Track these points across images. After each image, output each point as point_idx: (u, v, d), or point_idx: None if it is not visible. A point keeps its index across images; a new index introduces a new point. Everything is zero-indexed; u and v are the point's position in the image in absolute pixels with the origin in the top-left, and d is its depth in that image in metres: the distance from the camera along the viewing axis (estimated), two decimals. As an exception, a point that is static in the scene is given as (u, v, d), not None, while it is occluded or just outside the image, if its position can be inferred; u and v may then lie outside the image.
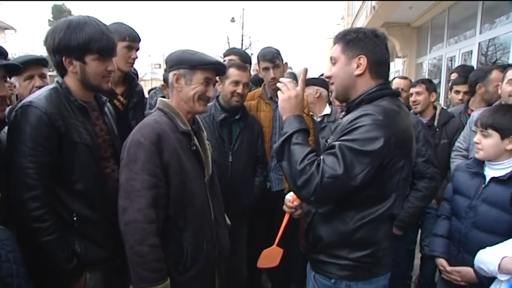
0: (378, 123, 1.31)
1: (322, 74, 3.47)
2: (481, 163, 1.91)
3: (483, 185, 1.84)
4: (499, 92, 2.48)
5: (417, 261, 3.21)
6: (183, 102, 1.67)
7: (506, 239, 1.64)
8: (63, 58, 1.55)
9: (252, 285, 2.99)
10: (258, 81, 3.37)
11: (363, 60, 1.44)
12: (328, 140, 1.50)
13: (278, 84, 1.55)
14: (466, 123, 2.75)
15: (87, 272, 1.57)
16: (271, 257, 1.92)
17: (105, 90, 1.70)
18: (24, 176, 1.42)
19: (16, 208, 1.44)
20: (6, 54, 1.51)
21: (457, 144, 2.71)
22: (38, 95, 1.53)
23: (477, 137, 1.84)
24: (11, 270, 1.13)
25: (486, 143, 1.81)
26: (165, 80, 2.64)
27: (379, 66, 1.47)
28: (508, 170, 1.77)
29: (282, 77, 2.80)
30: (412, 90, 3.14)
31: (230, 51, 3.33)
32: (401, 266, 2.60)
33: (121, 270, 1.64)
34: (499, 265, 1.48)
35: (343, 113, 1.62)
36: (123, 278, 1.57)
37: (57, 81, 1.61)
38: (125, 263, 1.53)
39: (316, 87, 3.07)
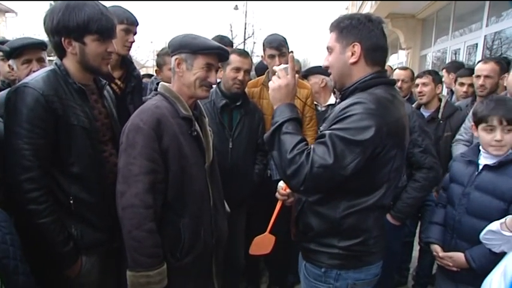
0: (370, 112, 1.28)
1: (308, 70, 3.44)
2: (476, 151, 1.92)
3: (476, 173, 1.86)
4: (505, 84, 2.45)
5: (415, 254, 3.21)
6: (185, 87, 1.64)
7: None
8: (62, 39, 1.52)
9: (250, 273, 3.00)
10: (261, 70, 3.32)
11: (357, 48, 1.41)
12: (321, 128, 1.47)
13: (277, 73, 1.50)
14: None
15: (83, 255, 1.56)
16: (263, 244, 1.92)
17: (104, 73, 1.67)
18: (20, 158, 1.41)
19: (12, 189, 1.43)
20: None
21: (458, 136, 2.70)
22: (35, 77, 1.50)
23: (499, 135, 1.78)
24: (7, 251, 1.12)
25: (510, 138, 1.77)
26: (158, 64, 2.61)
27: (375, 51, 1.43)
28: (499, 157, 1.79)
29: None
30: (419, 81, 3.09)
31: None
32: (397, 256, 2.60)
33: (118, 254, 1.63)
34: (504, 223, 1.46)
35: (338, 100, 1.59)
36: (120, 262, 1.57)
37: (56, 63, 1.58)
38: (122, 246, 1.52)
39: (322, 76, 3.04)
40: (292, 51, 2.76)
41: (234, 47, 3.57)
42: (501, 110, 1.77)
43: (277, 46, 2.58)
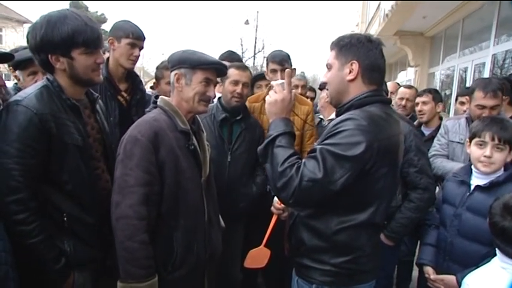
0: (361, 128, 1.31)
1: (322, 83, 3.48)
2: (468, 172, 1.92)
3: (468, 193, 1.86)
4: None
5: (415, 273, 3.16)
6: (184, 102, 1.67)
7: (489, 249, 1.65)
8: (49, 56, 1.47)
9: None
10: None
11: (355, 66, 1.43)
12: (315, 144, 1.49)
13: (274, 88, 1.54)
14: None
15: (75, 271, 1.54)
16: (258, 257, 1.92)
17: (97, 83, 1.65)
18: (8, 178, 1.36)
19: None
20: None
21: (434, 152, 2.66)
22: (28, 94, 1.45)
23: (489, 151, 1.80)
24: None
25: (500, 157, 1.80)
26: (157, 77, 2.66)
27: (372, 71, 1.45)
28: (491, 178, 1.80)
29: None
30: (418, 99, 3.10)
31: (223, 58, 3.19)
32: (390, 279, 2.56)
33: (110, 271, 1.61)
34: None
35: (333, 116, 1.62)
36: (112, 279, 1.54)
37: (48, 79, 1.53)
38: (115, 264, 1.52)
39: None
40: (294, 68, 2.81)
41: (243, 62, 3.63)
42: (495, 127, 1.80)
43: (280, 61, 2.62)
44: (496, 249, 1.42)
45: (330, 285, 1.46)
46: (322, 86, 3.28)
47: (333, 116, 3.10)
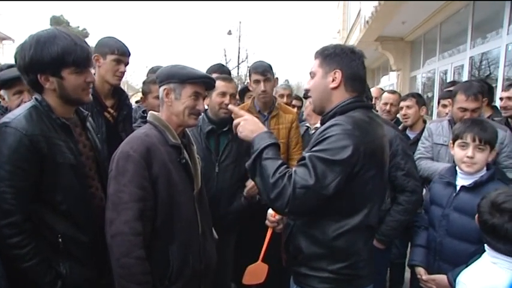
0: (347, 133, 1.35)
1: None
2: (453, 173, 1.98)
3: (454, 194, 1.91)
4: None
5: (408, 275, 3.20)
6: (174, 116, 1.69)
7: (476, 247, 1.70)
8: (38, 76, 1.45)
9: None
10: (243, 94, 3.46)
11: (338, 74, 1.49)
12: (303, 152, 1.53)
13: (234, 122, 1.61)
14: None
15: None
16: (256, 273, 1.90)
17: (86, 103, 1.65)
18: (0, 201, 1.35)
19: None
20: None
21: (418, 155, 2.70)
22: (17, 115, 1.44)
23: (471, 152, 1.87)
24: None
25: (481, 157, 1.87)
26: (144, 92, 2.66)
27: (354, 80, 1.51)
28: (475, 178, 1.86)
29: (272, 90, 2.84)
30: (402, 104, 3.18)
31: (213, 70, 3.20)
32: (383, 282, 2.59)
33: None
34: None
35: (318, 125, 1.66)
36: None
37: (36, 99, 1.52)
38: (111, 282, 1.51)
39: None
40: (277, 77, 2.86)
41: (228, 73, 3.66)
42: (475, 129, 1.87)
43: (263, 71, 2.68)
44: (486, 245, 1.46)
45: None
46: (307, 95, 3.33)
47: (318, 124, 3.16)
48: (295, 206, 1.33)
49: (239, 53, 24.00)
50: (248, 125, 1.53)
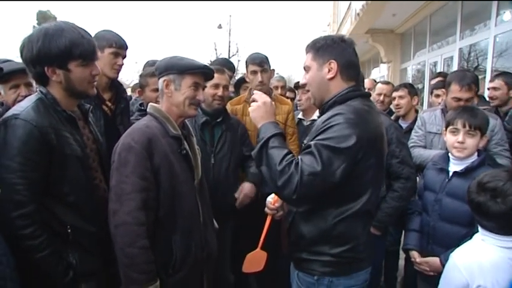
0: (350, 122, 1.39)
1: (298, 82, 3.56)
2: (446, 159, 2.05)
3: (447, 180, 1.98)
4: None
5: (402, 262, 3.27)
6: (174, 107, 1.71)
7: (467, 229, 1.80)
8: (45, 68, 1.46)
9: (240, 288, 3.01)
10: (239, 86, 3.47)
11: (333, 65, 1.52)
12: (304, 141, 1.56)
13: (253, 96, 1.61)
14: None
15: (82, 283, 1.53)
16: (255, 260, 1.93)
17: (91, 96, 1.66)
18: (12, 193, 1.35)
19: (4, 225, 1.34)
20: None
21: (412, 144, 2.72)
22: (24, 107, 1.44)
23: (462, 137, 1.94)
24: (3, 273, 1.14)
25: (472, 142, 1.94)
26: (141, 85, 2.65)
27: (349, 68, 1.55)
28: (467, 164, 1.93)
29: (269, 81, 2.87)
30: (395, 94, 3.24)
31: (219, 64, 3.23)
32: (379, 268, 2.65)
33: (114, 279, 1.61)
34: None
35: (318, 114, 1.69)
36: (116, 286, 1.56)
37: (41, 91, 1.52)
38: (118, 271, 1.53)
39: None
40: (273, 69, 2.89)
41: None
42: (466, 115, 1.95)
43: (260, 62, 2.71)
44: (478, 224, 1.53)
45: (331, 275, 1.52)
46: (297, 85, 3.36)
47: (314, 116, 3.19)
48: (303, 193, 1.36)
49: (229, 46, 23.92)
50: (261, 110, 1.56)
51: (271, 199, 1.81)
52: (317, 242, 1.52)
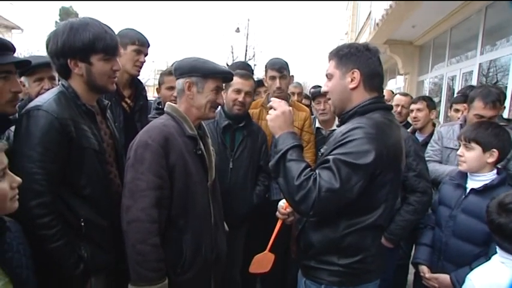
0: (370, 137, 1.36)
1: (319, 86, 3.46)
2: (464, 176, 2.01)
3: (463, 196, 1.94)
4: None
5: (411, 277, 3.21)
6: (194, 109, 1.72)
7: (481, 249, 1.77)
8: (68, 60, 1.51)
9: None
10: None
11: (357, 74, 1.50)
12: (321, 150, 1.54)
13: (271, 104, 1.59)
14: None
15: (92, 276, 1.55)
16: (262, 262, 1.95)
17: (110, 91, 1.69)
18: (31, 182, 1.36)
19: (21, 214, 1.31)
20: (14, 50, 1.49)
21: (427, 158, 2.65)
22: (47, 99, 1.48)
23: (460, 150, 1.95)
24: (20, 261, 1.16)
25: (469, 155, 1.93)
26: (159, 83, 2.70)
27: (373, 78, 1.52)
28: (485, 182, 1.89)
29: (287, 88, 2.86)
30: (413, 106, 3.20)
31: (237, 67, 3.21)
32: (389, 280, 2.61)
33: (124, 274, 1.61)
34: None
35: (337, 123, 1.67)
36: (126, 283, 1.56)
37: (63, 85, 1.56)
38: (127, 268, 1.53)
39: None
40: (292, 75, 2.88)
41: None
42: (465, 129, 2.00)
43: (279, 68, 2.71)
44: (496, 246, 1.49)
45: (339, 285, 1.50)
46: (315, 94, 3.23)
47: (334, 126, 3.14)
48: (320, 208, 1.35)
49: (246, 50, 24.02)
50: (279, 120, 1.53)
51: (283, 203, 1.81)
52: (326, 251, 1.51)
